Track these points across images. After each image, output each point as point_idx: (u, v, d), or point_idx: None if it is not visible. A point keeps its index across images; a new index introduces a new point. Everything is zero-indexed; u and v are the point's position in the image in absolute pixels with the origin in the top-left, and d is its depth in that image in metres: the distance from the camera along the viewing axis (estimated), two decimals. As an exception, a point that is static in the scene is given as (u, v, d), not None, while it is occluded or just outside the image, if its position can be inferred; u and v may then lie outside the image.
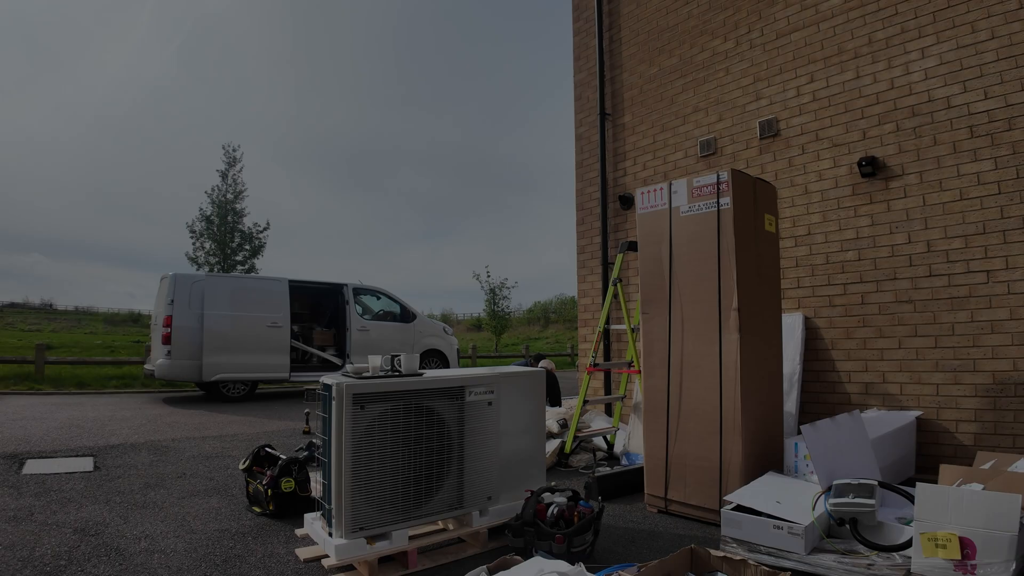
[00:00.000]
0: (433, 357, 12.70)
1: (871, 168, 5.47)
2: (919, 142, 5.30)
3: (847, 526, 3.19)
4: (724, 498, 3.63)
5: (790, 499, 3.39)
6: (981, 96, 5.02)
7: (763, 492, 3.51)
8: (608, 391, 7.64)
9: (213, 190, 25.63)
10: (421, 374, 3.38)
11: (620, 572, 2.31)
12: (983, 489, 2.95)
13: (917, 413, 5.13)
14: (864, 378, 5.51)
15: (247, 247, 25.79)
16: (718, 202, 4.00)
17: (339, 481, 2.99)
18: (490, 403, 3.55)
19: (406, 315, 12.50)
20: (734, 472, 3.86)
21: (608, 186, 7.86)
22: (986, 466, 3.67)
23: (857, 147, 5.64)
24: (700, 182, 4.10)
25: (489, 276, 29.97)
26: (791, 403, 5.55)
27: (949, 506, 2.77)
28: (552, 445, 5.66)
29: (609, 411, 7.24)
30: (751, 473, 3.86)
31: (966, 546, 2.70)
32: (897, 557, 2.95)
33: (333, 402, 3.04)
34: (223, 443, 6.54)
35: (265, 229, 26.17)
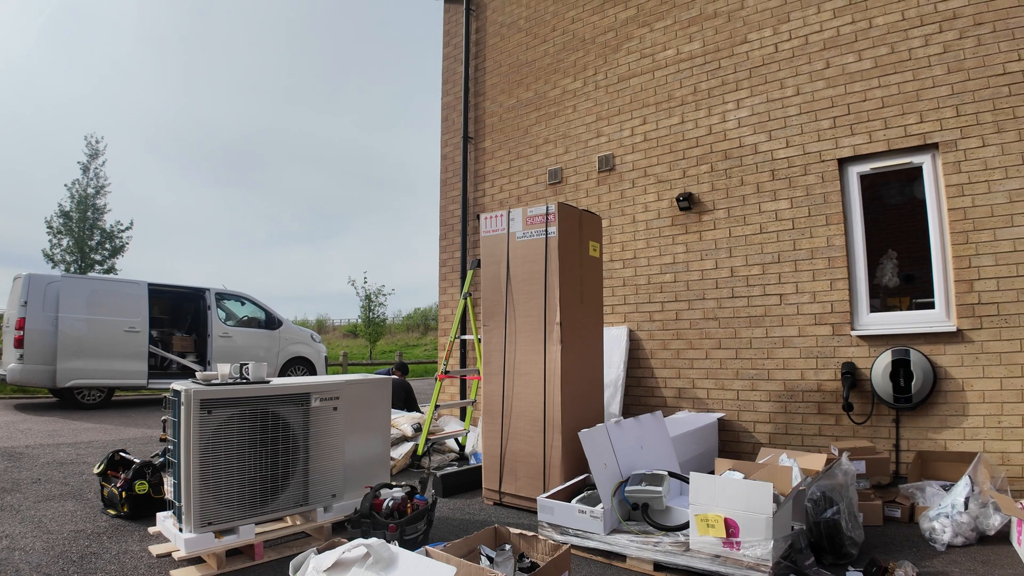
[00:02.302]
0: (300, 364, 12.61)
1: (688, 203, 6.25)
2: (729, 182, 6.08)
3: (640, 510, 3.73)
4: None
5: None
6: (783, 144, 5.79)
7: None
8: (464, 397, 8.10)
9: (73, 183, 23.97)
10: (268, 382, 3.67)
11: (430, 548, 2.75)
12: (745, 479, 3.57)
13: (720, 415, 5.91)
14: (677, 384, 6.28)
15: (107, 246, 24.26)
16: (546, 230, 4.57)
17: (188, 479, 3.24)
18: (335, 408, 3.90)
19: (271, 322, 12.38)
20: (555, 466, 4.42)
21: (469, 204, 8.33)
22: (763, 460, 4.34)
23: (678, 184, 6.41)
24: (532, 212, 4.65)
25: (366, 282, 29.79)
26: (615, 405, 6.23)
27: (716, 492, 3.28)
28: (407, 448, 6.02)
29: (464, 415, 7.71)
30: (570, 466, 4.43)
31: (730, 525, 3.20)
32: (681, 536, 3.44)
33: (182, 407, 3.28)
34: (77, 450, 6.45)
35: (128, 228, 24.70)
